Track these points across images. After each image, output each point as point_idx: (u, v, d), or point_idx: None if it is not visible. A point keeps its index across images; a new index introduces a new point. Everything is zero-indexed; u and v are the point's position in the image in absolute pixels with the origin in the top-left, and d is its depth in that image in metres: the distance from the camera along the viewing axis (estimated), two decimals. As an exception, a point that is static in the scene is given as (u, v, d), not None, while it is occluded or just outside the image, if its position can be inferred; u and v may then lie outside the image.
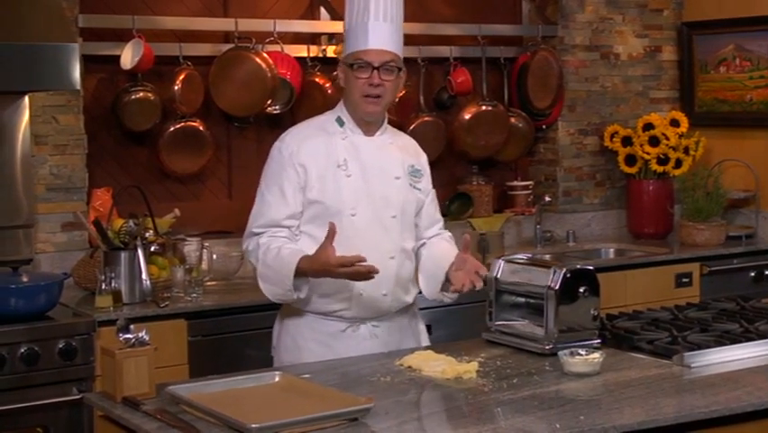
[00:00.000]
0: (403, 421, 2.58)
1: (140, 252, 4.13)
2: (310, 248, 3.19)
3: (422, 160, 3.46)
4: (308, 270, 3.13)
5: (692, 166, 5.61)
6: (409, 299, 3.38)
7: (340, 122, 3.31)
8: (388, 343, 3.31)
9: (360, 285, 3.21)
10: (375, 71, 3.19)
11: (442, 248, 3.40)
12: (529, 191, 5.71)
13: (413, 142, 3.51)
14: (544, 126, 5.74)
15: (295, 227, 3.26)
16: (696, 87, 5.93)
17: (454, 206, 5.48)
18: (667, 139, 5.55)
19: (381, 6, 3.21)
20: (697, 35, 5.89)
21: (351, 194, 3.24)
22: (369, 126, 3.32)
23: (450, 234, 3.54)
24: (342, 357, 3.21)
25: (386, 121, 3.38)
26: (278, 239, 3.23)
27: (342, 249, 3.17)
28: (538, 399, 2.73)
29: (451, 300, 3.38)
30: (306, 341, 3.30)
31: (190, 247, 4.50)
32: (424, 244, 3.44)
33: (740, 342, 3.18)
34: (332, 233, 3.07)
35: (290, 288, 3.16)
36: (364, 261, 3.05)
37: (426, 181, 3.44)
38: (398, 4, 3.27)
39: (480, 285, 3.17)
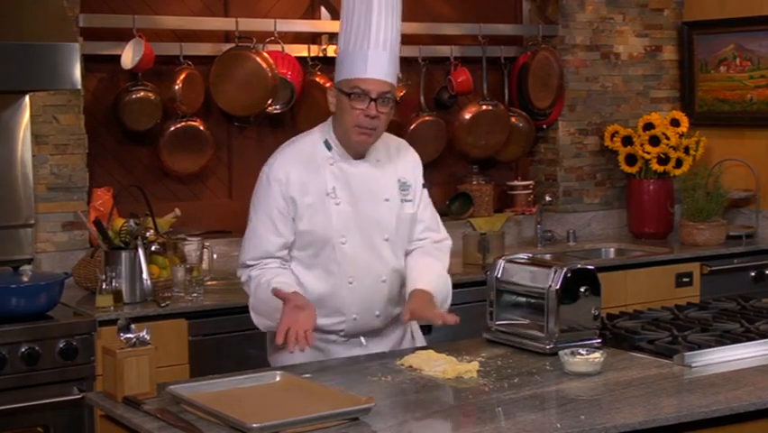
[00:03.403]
0: (404, 421, 2.58)
1: (140, 251, 4.14)
2: (301, 273, 3.23)
3: (409, 164, 3.36)
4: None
5: (693, 166, 5.61)
6: (398, 310, 3.36)
7: (327, 145, 3.25)
8: (379, 349, 3.31)
9: (353, 310, 3.23)
10: (372, 103, 3.12)
11: (418, 267, 3.30)
12: (530, 191, 5.71)
13: (401, 146, 3.41)
14: (544, 126, 5.75)
15: (286, 255, 3.25)
16: (696, 87, 5.93)
17: (455, 205, 5.48)
18: (667, 139, 5.55)
19: (381, 35, 3.13)
20: (697, 35, 5.89)
21: (340, 222, 3.21)
22: (357, 151, 3.26)
23: (433, 239, 3.41)
24: (342, 357, 3.22)
25: None
26: (269, 271, 3.21)
27: (334, 277, 3.21)
28: (539, 398, 2.73)
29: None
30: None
31: (191, 247, 4.50)
32: (407, 254, 3.37)
33: (741, 341, 3.18)
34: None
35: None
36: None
37: (413, 191, 3.34)
38: (397, 34, 3.18)
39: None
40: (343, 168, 3.24)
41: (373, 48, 3.12)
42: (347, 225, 3.21)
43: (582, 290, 3.16)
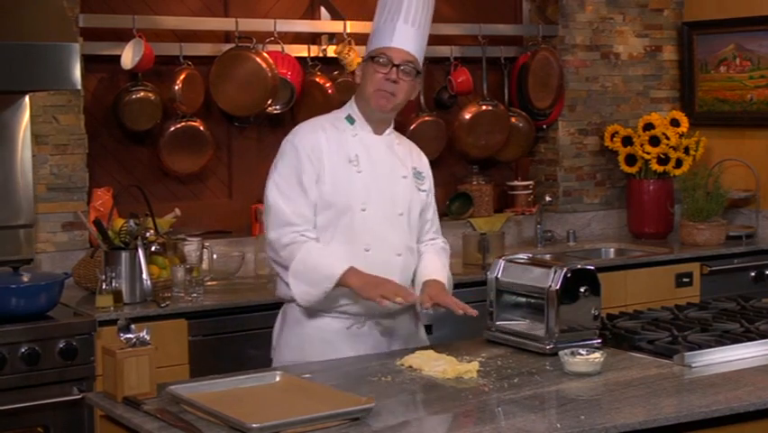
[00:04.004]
0: (404, 421, 2.59)
1: (140, 251, 4.13)
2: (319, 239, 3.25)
3: (423, 161, 3.50)
4: (353, 280, 3.15)
5: (693, 166, 5.61)
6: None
7: (350, 119, 3.35)
8: (391, 341, 3.33)
9: None
10: (394, 68, 3.25)
11: (428, 263, 3.40)
12: (530, 191, 5.71)
13: (415, 146, 3.54)
14: (544, 126, 5.75)
15: (314, 221, 3.27)
16: (696, 87, 5.93)
17: (455, 205, 5.48)
18: (667, 139, 5.55)
19: (412, 11, 3.29)
20: (697, 35, 5.89)
21: (361, 189, 3.27)
22: (378, 125, 3.35)
23: (443, 241, 3.53)
24: (343, 357, 3.22)
25: (392, 124, 3.43)
26: (315, 242, 3.24)
27: (351, 244, 3.24)
28: (539, 398, 2.73)
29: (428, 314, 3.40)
30: (312, 340, 3.30)
31: (191, 247, 4.50)
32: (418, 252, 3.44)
33: (741, 342, 3.18)
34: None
35: (327, 289, 3.17)
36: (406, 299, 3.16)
37: (429, 185, 3.48)
38: (428, 14, 3.36)
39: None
40: (365, 139, 3.33)
41: (402, 22, 3.28)
42: (368, 194, 3.27)
43: (582, 290, 3.16)
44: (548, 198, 5.54)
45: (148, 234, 4.25)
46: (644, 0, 5.90)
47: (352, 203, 3.25)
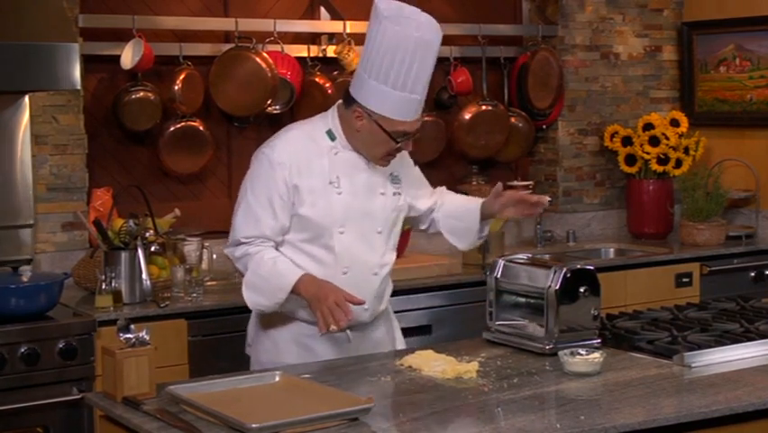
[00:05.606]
0: (403, 421, 2.59)
1: (140, 252, 4.13)
2: (294, 258, 3.22)
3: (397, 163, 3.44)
4: (303, 291, 3.13)
5: (692, 166, 5.61)
6: (383, 307, 3.40)
7: (331, 135, 3.27)
8: (362, 346, 3.32)
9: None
10: (410, 140, 3.23)
11: (456, 201, 3.54)
12: (529, 191, 5.70)
13: None
14: (544, 126, 5.74)
15: (280, 240, 3.25)
16: (696, 87, 5.93)
17: (454, 205, 5.48)
18: (667, 139, 5.55)
19: (425, 79, 3.18)
20: (697, 35, 5.90)
21: (341, 211, 3.23)
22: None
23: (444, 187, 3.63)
24: (343, 357, 3.23)
25: None
26: (269, 250, 3.22)
27: (328, 265, 3.21)
28: (538, 399, 2.73)
29: (483, 239, 3.55)
30: (286, 342, 3.31)
31: (190, 247, 4.50)
32: (436, 208, 3.51)
33: (740, 342, 3.18)
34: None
35: (280, 301, 3.17)
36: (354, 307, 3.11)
37: (405, 177, 3.41)
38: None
39: (544, 203, 3.48)
40: (345, 159, 3.27)
41: (420, 93, 3.17)
42: (347, 216, 3.23)
43: (582, 290, 3.16)
44: (548, 199, 5.52)
45: (148, 235, 4.25)
46: (644, 0, 5.90)
47: (329, 225, 3.21)
